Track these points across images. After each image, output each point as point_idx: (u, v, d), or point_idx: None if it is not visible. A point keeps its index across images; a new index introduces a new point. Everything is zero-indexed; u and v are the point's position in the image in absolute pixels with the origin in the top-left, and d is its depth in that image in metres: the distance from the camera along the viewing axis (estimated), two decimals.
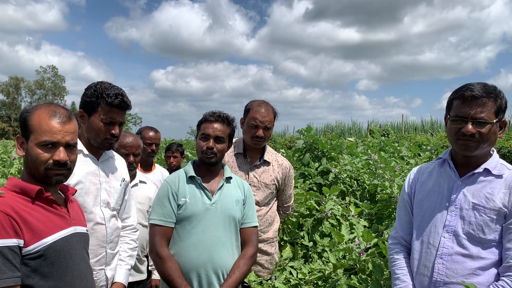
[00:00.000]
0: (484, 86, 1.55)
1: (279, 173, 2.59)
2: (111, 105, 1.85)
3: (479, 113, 1.52)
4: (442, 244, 1.59)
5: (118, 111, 1.89)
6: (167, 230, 1.91)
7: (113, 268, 1.99)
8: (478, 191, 1.58)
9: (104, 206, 1.93)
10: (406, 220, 1.78)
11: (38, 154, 1.37)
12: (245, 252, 1.97)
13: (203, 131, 1.98)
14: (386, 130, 16.52)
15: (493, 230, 1.53)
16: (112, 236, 1.95)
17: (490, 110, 1.52)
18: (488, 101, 1.52)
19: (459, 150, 1.60)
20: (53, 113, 1.40)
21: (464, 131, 1.54)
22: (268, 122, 2.49)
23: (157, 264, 1.91)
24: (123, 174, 2.09)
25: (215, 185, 1.98)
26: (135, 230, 2.20)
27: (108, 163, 2.02)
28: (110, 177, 1.99)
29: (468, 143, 1.55)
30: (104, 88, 1.87)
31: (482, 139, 1.54)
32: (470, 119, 1.53)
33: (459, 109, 1.56)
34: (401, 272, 1.70)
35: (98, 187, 1.91)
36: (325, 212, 3.08)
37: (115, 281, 1.99)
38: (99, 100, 1.85)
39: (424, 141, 8.82)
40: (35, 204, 1.35)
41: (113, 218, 1.98)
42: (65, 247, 1.37)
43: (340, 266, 2.21)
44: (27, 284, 1.27)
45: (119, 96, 1.87)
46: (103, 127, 1.86)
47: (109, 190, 1.96)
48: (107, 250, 1.92)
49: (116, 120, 1.89)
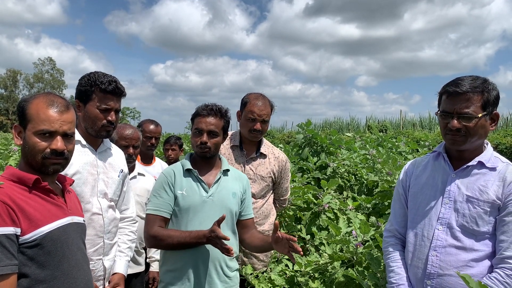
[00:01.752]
0: (472, 80, 1.55)
1: (275, 165, 2.60)
2: (106, 92, 1.88)
3: (464, 108, 1.54)
4: (436, 237, 1.60)
5: (113, 97, 1.91)
6: (162, 219, 1.91)
7: (111, 259, 2.00)
8: (472, 184, 1.59)
9: (101, 197, 1.93)
10: (401, 213, 1.79)
11: (35, 143, 1.37)
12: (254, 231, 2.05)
13: (196, 125, 1.97)
14: (384, 126, 16.55)
15: (487, 222, 1.54)
16: (109, 226, 1.96)
17: (476, 105, 1.53)
18: (473, 96, 1.53)
19: (448, 144, 1.63)
20: (51, 102, 1.40)
21: (450, 126, 1.56)
22: (265, 115, 2.50)
23: (156, 244, 1.89)
24: (121, 165, 2.10)
25: (212, 178, 1.98)
26: (134, 222, 2.21)
27: (106, 154, 2.03)
28: (108, 168, 2.00)
29: (455, 137, 1.57)
30: (97, 76, 1.89)
31: (469, 134, 1.55)
32: (455, 114, 1.55)
33: (446, 104, 1.59)
34: (396, 265, 1.72)
35: (96, 178, 1.92)
36: (322, 205, 3.09)
37: (115, 272, 2.01)
38: (93, 88, 1.88)
39: (422, 137, 8.85)
40: (32, 193, 1.35)
41: (111, 209, 1.98)
42: (62, 237, 1.38)
43: (337, 259, 2.22)
44: (23, 272, 1.28)
45: (113, 82, 1.90)
46: (99, 114, 1.88)
47: (106, 181, 1.97)
48: (104, 240, 1.94)
49: (112, 107, 1.91)
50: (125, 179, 2.13)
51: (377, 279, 1.92)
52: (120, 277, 2.02)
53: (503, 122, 17.09)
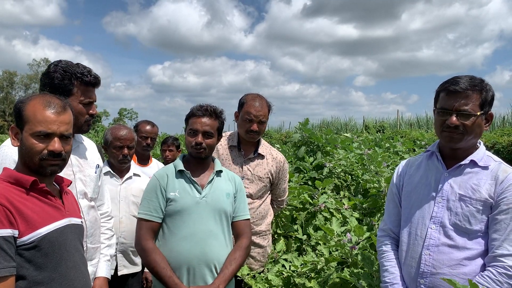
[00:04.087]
0: (470, 79, 1.57)
1: (273, 166, 2.61)
2: (88, 84, 1.76)
3: (463, 106, 1.55)
4: (429, 235, 1.61)
5: (93, 89, 1.81)
6: (153, 225, 1.90)
7: (94, 264, 1.90)
8: (464, 182, 1.60)
9: (81, 197, 1.81)
10: (395, 212, 1.81)
11: (32, 144, 1.36)
12: (240, 244, 1.97)
13: (191, 126, 1.96)
14: (382, 126, 16.58)
15: (479, 220, 1.55)
16: (91, 229, 1.86)
17: (475, 103, 1.55)
18: (472, 94, 1.55)
19: (444, 142, 1.63)
20: (48, 103, 1.39)
21: (449, 123, 1.57)
22: (263, 116, 2.51)
23: (142, 257, 1.89)
24: (96, 160, 1.96)
25: (205, 179, 1.97)
26: (109, 218, 2.14)
27: (79, 150, 1.88)
28: (84, 165, 1.86)
29: (452, 135, 1.58)
30: (75, 68, 1.74)
31: (466, 131, 1.57)
32: (454, 111, 1.56)
33: (444, 101, 1.60)
34: (390, 264, 1.73)
35: (73, 178, 1.79)
36: (318, 205, 3.11)
37: (97, 276, 1.92)
38: (73, 81, 1.73)
39: (418, 137, 8.88)
40: (30, 195, 1.35)
41: (92, 210, 1.88)
42: (60, 238, 1.38)
43: (332, 260, 2.24)
44: (21, 274, 1.28)
45: (92, 72, 1.77)
46: (83, 109, 1.77)
47: (84, 180, 1.85)
48: (87, 245, 1.83)
49: (94, 99, 1.81)
50: (100, 174, 2.00)
51: (371, 279, 1.94)
52: (103, 280, 1.93)
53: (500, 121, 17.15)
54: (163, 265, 1.82)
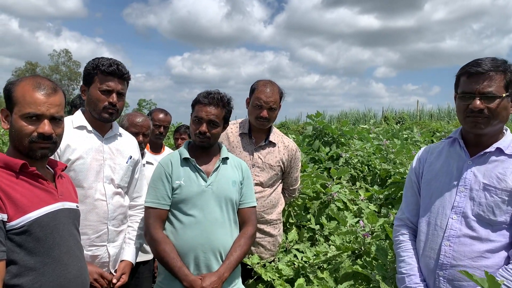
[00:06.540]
0: (492, 60, 1.47)
1: (285, 154, 2.53)
2: (106, 73, 1.89)
3: (487, 88, 1.45)
4: (450, 226, 1.52)
5: (113, 79, 1.91)
6: (161, 212, 1.88)
7: (117, 246, 1.98)
8: (489, 171, 1.50)
9: (107, 183, 1.92)
10: (413, 201, 1.72)
11: (22, 126, 1.33)
12: (245, 231, 1.94)
13: (196, 113, 1.91)
14: (401, 117, 16.21)
15: (504, 211, 1.45)
16: (114, 213, 1.94)
17: (499, 84, 1.45)
18: (495, 75, 1.45)
19: (469, 128, 1.53)
20: (38, 84, 1.36)
21: (472, 107, 1.47)
22: (273, 102, 2.43)
23: (152, 246, 1.88)
24: (131, 152, 2.07)
25: (210, 167, 1.93)
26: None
27: (114, 140, 2.02)
28: (116, 154, 1.99)
29: (477, 119, 1.48)
30: (99, 60, 1.93)
31: (492, 115, 1.46)
32: (477, 94, 1.46)
33: (466, 85, 1.50)
34: (407, 255, 1.65)
35: (101, 163, 1.91)
36: (331, 194, 3.03)
37: (123, 259, 2.00)
38: (95, 71, 1.90)
39: (438, 128, 8.62)
40: (19, 179, 1.32)
41: (118, 196, 1.97)
42: (52, 223, 1.34)
43: (345, 250, 2.16)
44: (12, 259, 1.25)
45: (114, 64, 1.92)
46: (101, 95, 1.89)
47: (113, 167, 1.95)
48: (109, 227, 1.92)
49: (112, 88, 1.90)
50: (136, 166, 2.10)
51: (385, 269, 1.86)
52: (127, 264, 1.99)
53: None
54: (173, 255, 1.80)
